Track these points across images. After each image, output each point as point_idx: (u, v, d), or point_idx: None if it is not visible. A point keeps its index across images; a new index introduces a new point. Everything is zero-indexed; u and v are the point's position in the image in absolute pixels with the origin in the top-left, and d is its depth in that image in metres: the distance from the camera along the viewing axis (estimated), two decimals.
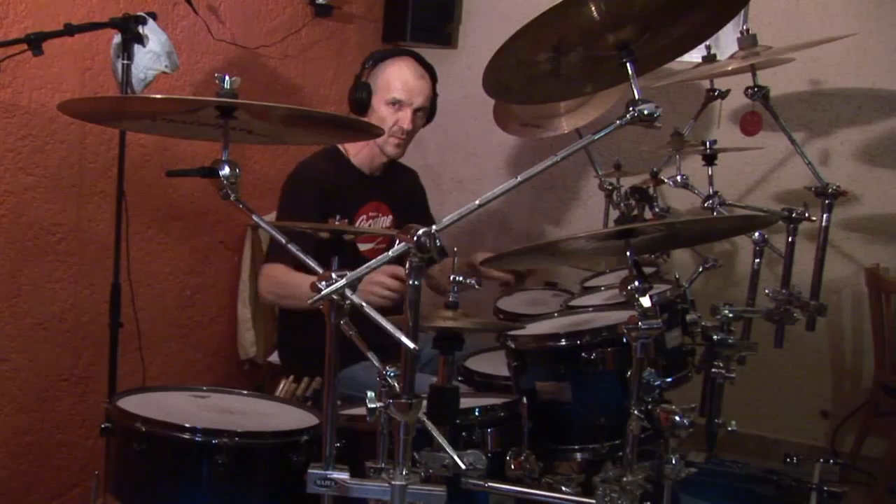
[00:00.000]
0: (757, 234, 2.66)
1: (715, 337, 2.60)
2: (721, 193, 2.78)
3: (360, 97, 2.81)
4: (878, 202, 3.86)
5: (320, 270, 1.67)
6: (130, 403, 2.08)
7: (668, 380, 2.15)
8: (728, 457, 2.97)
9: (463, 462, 1.69)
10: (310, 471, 1.65)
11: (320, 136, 2.32)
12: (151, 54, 2.55)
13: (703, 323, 2.58)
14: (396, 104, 2.81)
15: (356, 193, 2.87)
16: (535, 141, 4.16)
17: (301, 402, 2.40)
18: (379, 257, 1.52)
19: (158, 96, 1.56)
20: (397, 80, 2.81)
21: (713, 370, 2.60)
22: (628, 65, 1.72)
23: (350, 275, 1.52)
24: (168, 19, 3.04)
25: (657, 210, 3.01)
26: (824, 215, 2.62)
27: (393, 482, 1.58)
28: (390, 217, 2.98)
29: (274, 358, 3.49)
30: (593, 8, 1.62)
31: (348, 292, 1.53)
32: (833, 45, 3.42)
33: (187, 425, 1.93)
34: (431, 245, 1.50)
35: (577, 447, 2.17)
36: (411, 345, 1.50)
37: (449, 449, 1.67)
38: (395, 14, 4.26)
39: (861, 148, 3.90)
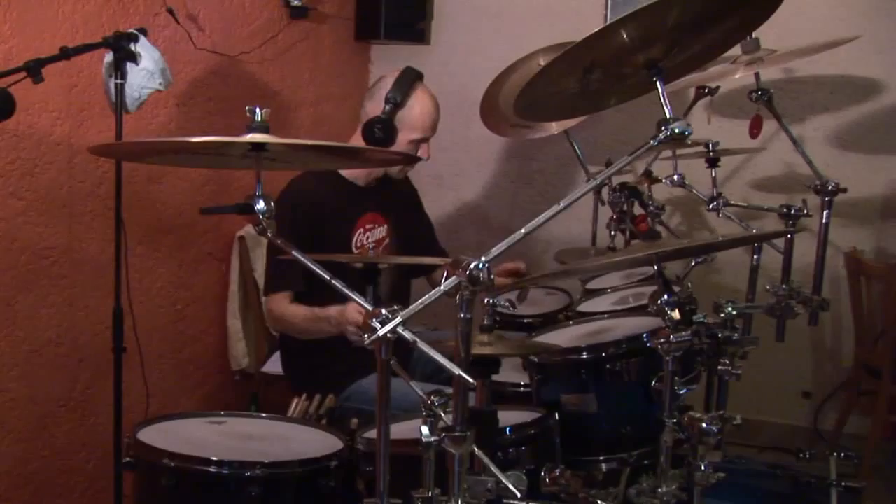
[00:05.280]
0: (755, 230, 2.69)
1: (720, 335, 2.62)
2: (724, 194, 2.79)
3: (388, 134, 2.69)
4: (851, 187, 3.89)
5: (358, 299, 1.65)
6: (150, 436, 2.04)
7: (693, 387, 2.17)
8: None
9: (511, 485, 1.69)
10: None
11: (347, 162, 2.30)
12: (145, 72, 2.49)
13: (707, 321, 2.60)
14: (422, 141, 2.81)
15: (351, 207, 2.82)
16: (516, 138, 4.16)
17: (317, 422, 2.39)
18: (431, 293, 1.51)
19: (195, 139, 1.51)
20: (427, 119, 2.80)
21: (720, 367, 2.62)
22: (658, 83, 1.73)
23: (405, 311, 1.50)
24: (150, 30, 2.94)
25: (651, 208, 3.02)
26: (824, 212, 2.66)
27: None
28: (385, 227, 2.94)
29: (267, 368, 3.46)
30: (624, 34, 1.62)
31: (400, 329, 1.51)
32: (804, 33, 3.45)
33: (214, 458, 1.92)
34: (484, 278, 1.49)
35: (601, 458, 2.19)
36: (470, 380, 1.49)
37: (499, 474, 1.67)
38: (367, 12, 4.20)
39: (834, 133, 3.96)
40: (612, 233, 3.13)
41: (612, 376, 2.14)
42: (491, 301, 1.83)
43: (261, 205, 1.66)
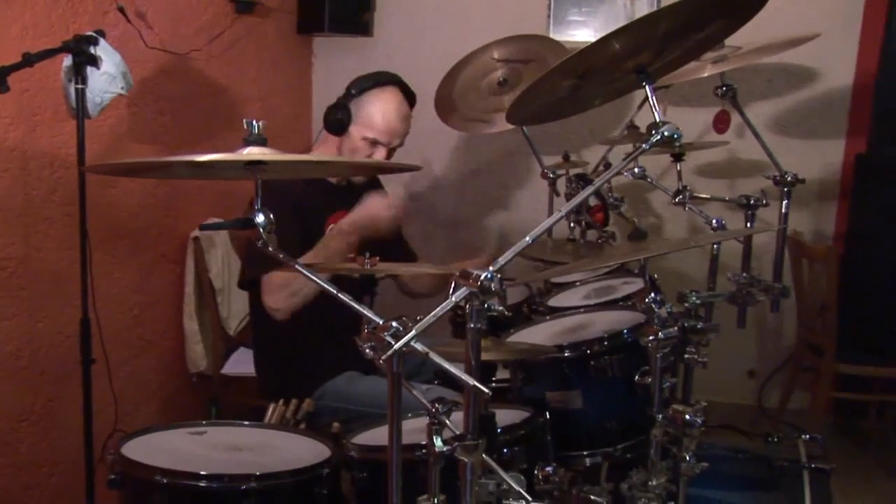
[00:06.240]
0: (715, 220, 2.75)
1: (686, 324, 2.69)
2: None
3: (338, 120, 2.66)
4: (790, 171, 4.05)
5: (355, 305, 1.63)
6: (135, 451, 2.00)
7: (674, 379, 2.23)
8: None
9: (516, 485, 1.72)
10: None
11: (342, 170, 2.29)
12: (106, 76, 2.42)
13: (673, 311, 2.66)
14: (375, 143, 2.69)
15: (324, 204, 2.77)
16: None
17: (296, 427, 2.38)
18: (443, 304, 1.51)
19: (200, 158, 1.47)
20: (381, 121, 2.66)
21: (686, 356, 2.69)
22: (647, 87, 1.76)
23: (419, 325, 1.50)
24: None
25: (611, 200, 3.07)
26: (784, 202, 2.75)
27: None
28: None
29: (226, 370, 3.42)
30: (616, 44, 1.64)
31: (413, 342, 1.51)
32: (748, 27, 3.53)
33: (206, 473, 1.89)
34: (496, 287, 1.51)
35: (586, 452, 2.23)
36: (485, 389, 1.50)
37: (506, 477, 1.70)
38: (310, 4, 4.15)
39: (773, 119, 4.09)
40: (571, 224, 3.18)
41: (596, 372, 2.18)
42: (486, 305, 1.83)
43: (261, 218, 1.63)
